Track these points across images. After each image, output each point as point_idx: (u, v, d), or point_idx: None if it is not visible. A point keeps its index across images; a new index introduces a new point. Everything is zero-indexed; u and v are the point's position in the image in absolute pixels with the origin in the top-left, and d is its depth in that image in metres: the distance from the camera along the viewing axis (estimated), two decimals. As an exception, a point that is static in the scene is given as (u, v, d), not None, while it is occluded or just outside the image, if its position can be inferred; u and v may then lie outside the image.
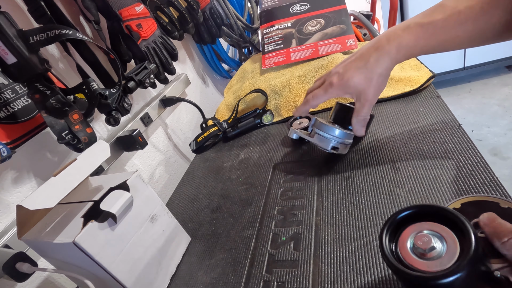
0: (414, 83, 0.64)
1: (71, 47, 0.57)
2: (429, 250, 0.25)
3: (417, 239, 0.26)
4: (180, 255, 0.51)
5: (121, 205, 0.39)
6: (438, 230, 0.26)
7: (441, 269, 0.23)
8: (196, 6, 0.82)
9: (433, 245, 0.25)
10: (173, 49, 0.76)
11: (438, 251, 0.25)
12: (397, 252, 0.27)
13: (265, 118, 0.78)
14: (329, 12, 0.88)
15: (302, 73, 0.78)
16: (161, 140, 0.86)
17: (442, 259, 0.24)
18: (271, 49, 0.91)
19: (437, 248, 0.25)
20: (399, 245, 0.27)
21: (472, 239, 0.23)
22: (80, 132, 0.51)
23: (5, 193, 0.49)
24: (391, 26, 1.25)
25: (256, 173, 0.62)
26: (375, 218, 0.41)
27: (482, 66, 2.26)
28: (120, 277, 0.39)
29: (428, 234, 0.26)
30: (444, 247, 0.25)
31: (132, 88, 0.64)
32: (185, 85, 0.94)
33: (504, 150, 1.67)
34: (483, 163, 0.41)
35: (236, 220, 0.53)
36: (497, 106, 1.98)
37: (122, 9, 0.66)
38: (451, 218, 0.26)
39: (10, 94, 0.49)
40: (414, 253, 0.26)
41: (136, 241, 0.42)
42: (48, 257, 0.41)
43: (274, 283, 0.39)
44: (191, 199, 0.65)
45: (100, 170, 0.62)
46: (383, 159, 0.50)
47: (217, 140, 0.84)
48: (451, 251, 0.24)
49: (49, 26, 0.45)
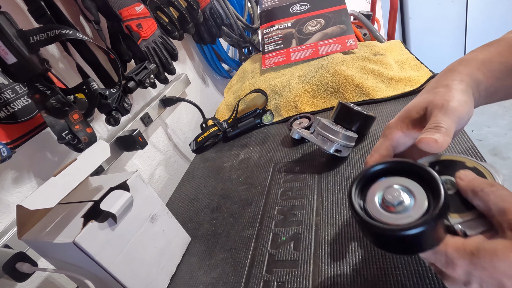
0: (414, 83, 0.64)
1: (71, 47, 0.57)
2: (397, 204, 0.25)
3: (386, 193, 0.26)
4: (180, 255, 0.51)
5: (121, 205, 0.39)
6: (407, 185, 0.26)
7: (408, 222, 0.23)
8: (196, 6, 0.82)
9: (402, 199, 0.25)
10: (173, 49, 0.76)
11: (406, 205, 0.25)
12: (365, 207, 0.27)
13: (265, 118, 0.78)
14: (329, 12, 0.88)
15: (302, 73, 0.78)
16: (161, 140, 0.86)
17: (410, 213, 0.24)
18: (271, 49, 0.91)
19: (406, 202, 0.25)
20: (368, 199, 0.27)
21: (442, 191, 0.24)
22: (80, 132, 0.51)
23: (5, 193, 0.49)
24: (391, 26, 1.25)
25: (256, 173, 0.62)
26: (375, 218, 0.41)
27: (482, 66, 2.25)
28: (120, 277, 0.39)
29: (397, 189, 0.26)
30: (412, 201, 0.25)
31: (132, 88, 0.64)
32: (185, 85, 0.94)
33: (504, 150, 1.68)
34: (483, 163, 0.41)
35: (236, 220, 0.53)
36: (497, 106, 1.98)
37: (122, 9, 0.66)
38: (420, 173, 0.26)
39: (10, 94, 0.49)
40: (383, 208, 0.26)
41: (136, 241, 0.42)
42: (48, 257, 0.41)
43: (274, 283, 0.39)
44: (191, 199, 0.65)
45: (100, 170, 0.62)
46: (383, 159, 0.50)
47: (217, 140, 0.84)
48: (419, 205, 0.24)
49: (49, 26, 0.45)
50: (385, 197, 0.25)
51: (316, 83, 0.73)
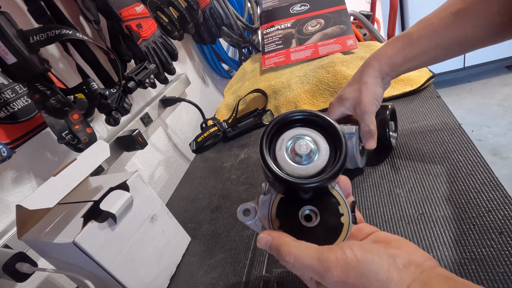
0: (414, 83, 0.64)
1: (71, 47, 0.57)
2: (305, 156, 0.25)
3: (292, 146, 0.26)
4: (180, 255, 0.51)
5: (121, 205, 0.39)
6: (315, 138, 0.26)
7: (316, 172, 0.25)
8: (196, 6, 0.82)
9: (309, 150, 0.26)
10: (173, 49, 0.76)
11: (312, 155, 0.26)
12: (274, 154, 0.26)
13: (265, 118, 0.78)
14: (329, 12, 0.88)
15: (302, 73, 0.78)
16: (161, 140, 0.86)
17: (316, 163, 0.25)
18: (271, 49, 0.91)
19: (311, 155, 0.26)
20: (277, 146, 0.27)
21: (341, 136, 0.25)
22: (80, 132, 0.51)
23: (5, 193, 0.49)
24: (391, 26, 1.25)
25: (256, 173, 0.62)
26: (375, 218, 0.41)
27: (482, 66, 2.26)
28: (120, 277, 0.39)
29: (307, 140, 0.26)
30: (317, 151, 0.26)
31: (132, 88, 0.64)
32: (185, 85, 0.94)
33: (504, 150, 1.67)
34: (483, 163, 0.41)
35: (236, 220, 0.53)
36: (497, 106, 1.98)
37: (122, 9, 0.66)
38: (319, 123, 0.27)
39: (10, 94, 0.49)
40: (289, 156, 0.26)
41: (136, 241, 0.42)
42: (48, 257, 0.41)
43: (274, 283, 0.39)
44: (191, 199, 0.65)
45: (100, 170, 0.62)
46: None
47: (217, 140, 0.84)
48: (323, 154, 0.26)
49: (49, 26, 0.45)
50: (293, 149, 0.26)
51: (316, 83, 0.73)
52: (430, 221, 0.37)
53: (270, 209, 0.28)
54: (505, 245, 0.31)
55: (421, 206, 0.39)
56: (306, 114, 0.27)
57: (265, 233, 0.27)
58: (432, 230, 0.36)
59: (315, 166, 0.25)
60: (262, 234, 0.27)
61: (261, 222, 0.29)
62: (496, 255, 0.31)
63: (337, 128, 0.26)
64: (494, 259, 0.31)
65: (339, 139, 0.25)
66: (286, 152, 0.26)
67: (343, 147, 0.25)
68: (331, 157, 0.26)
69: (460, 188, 0.39)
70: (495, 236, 0.32)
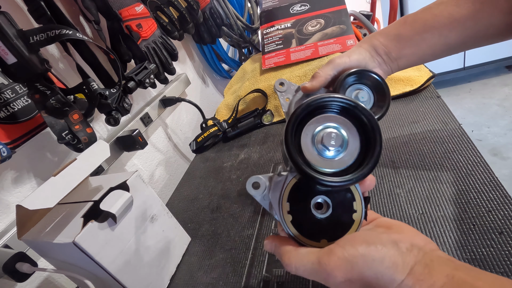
0: (414, 83, 0.64)
1: (71, 47, 0.57)
2: (334, 149, 0.24)
3: (320, 135, 0.24)
4: (180, 255, 0.51)
5: (121, 205, 0.39)
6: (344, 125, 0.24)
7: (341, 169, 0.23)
8: (196, 6, 0.82)
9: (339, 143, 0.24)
10: (173, 49, 0.76)
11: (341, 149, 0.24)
12: (300, 144, 0.24)
13: (265, 118, 0.78)
14: (329, 12, 0.88)
15: (302, 73, 0.78)
16: (161, 140, 0.86)
17: (343, 158, 0.23)
18: (271, 49, 0.91)
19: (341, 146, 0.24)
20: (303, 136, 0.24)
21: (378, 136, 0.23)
22: (80, 132, 0.51)
23: (5, 193, 0.49)
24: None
25: (256, 173, 0.62)
26: (375, 218, 0.41)
27: (482, 66, 2.26)
28: (120, 277, 0.39)
29: (335, 133, 0.24)
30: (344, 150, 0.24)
31: (132, 88, 0.64)
32: (185, 85, 0.94)
33: (504, 150, 1.67)
34: (483, 163, 0.41)
35: (236, 220, 0.53)
36: (497, 106, 1.98)
37: (122, 9, 0.66)
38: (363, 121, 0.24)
39: (10, 94, 0.49)
40: (315, 148, 0.24)
41: (136, 241, 0.42)
42: (48, 257, 0.41)
43: (274, 283, 0.39)
44: (191, 199, 0.65)
45: (100, 170, 0.62)
46: (383, 159, 0.50)
47: (217, 140, 0.84)
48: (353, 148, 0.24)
49: (49, 26, 0.45)
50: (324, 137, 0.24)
51: (316, 83, 0.73)
52: (430, 221, 0.37)
53: (283, 192, 0.27)
54: (505, 245, 0.31)
55: (421, 206, 0.39)
56: (346, 102, 0.24)
57: (269, 239, 0.28)
58: (432, 230, 0.36)
59: (341, 162, 0.23)
60: (267, 241, 0.29)
61: (269, 198, 0.27)
62: (496, 255, 0.31)
63: (377, 125, 0.23)
64: (494, 259, 0.31)
65: (375, 137, 0.23)
66: (313, 140, 0.24)
67: (377, 147, 0.23)
68: (360, 155, 0.24)
69: (460, 188, 0.39)
70: (495, 236, 0.32)
